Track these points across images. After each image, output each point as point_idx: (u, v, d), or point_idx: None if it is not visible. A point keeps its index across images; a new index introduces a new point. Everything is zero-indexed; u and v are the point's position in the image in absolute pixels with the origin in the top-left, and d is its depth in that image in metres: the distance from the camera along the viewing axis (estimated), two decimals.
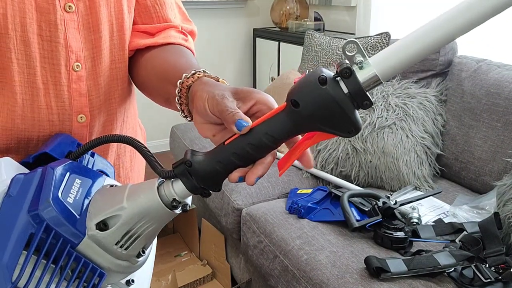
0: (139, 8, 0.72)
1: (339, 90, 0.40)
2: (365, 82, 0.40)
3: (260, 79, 3.48)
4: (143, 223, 0.48)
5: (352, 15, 2.95)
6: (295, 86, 0.42)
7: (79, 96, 0.64)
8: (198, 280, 1.89)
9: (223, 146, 0.47)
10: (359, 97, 0.40)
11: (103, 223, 0.48)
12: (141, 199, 0.48)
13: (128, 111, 0.76)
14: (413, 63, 0.40)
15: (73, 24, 0.62)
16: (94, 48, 0.65)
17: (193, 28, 0.79)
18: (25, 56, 0.59)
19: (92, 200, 0.51)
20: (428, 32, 0.39)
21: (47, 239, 0.46)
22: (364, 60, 0.40)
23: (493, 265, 1.14)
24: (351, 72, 0.40)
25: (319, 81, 0.40)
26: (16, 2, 0.57)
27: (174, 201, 0.48)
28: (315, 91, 0.41)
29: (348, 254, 1.26)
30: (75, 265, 0.48)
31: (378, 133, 1.70)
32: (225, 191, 1.72)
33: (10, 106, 0.60)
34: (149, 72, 0.69)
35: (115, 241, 0.48)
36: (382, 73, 0.40)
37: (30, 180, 0.50)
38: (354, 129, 0.42)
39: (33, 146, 0.63)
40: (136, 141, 0.53)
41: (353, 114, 0.41)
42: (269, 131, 0.44)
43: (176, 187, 0.48)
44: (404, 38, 0.40)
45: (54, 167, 0.50)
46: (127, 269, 0.51)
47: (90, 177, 0.54)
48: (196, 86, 0.54)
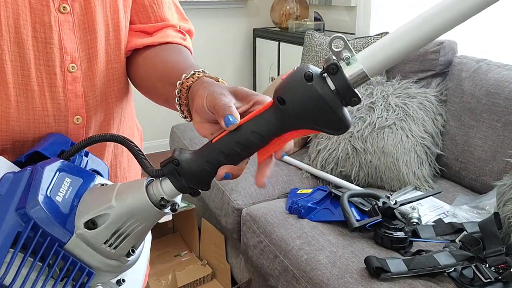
0: (137, 7, 0.72)
1: (325, 87, 0.39)
2: (352, 78, 0.39)
3: (260, 79, 3.48)
4: (131, 222, 0.48)
5: (352, 15, 2.95)
6: (282, 83, 0.41)
7: (75, 97, 0.64)
8: (198, 280, 1.89)
9: (211, 144, 0.46)
10: (346, 93, 0.40)
11: (92, 222, 0.48)
12: (130, 198, 0.48)
13: (125, 111, 0.76)
14: (400, 58, 0.39)
15: (68, 25, 0.61)
16: (90, 49, 0.65)
17: (191, 27, 0.78)
18: (19, 57, 0.58)
19: (82, 199, 0.51)
20: (415, 27, 0.38)
21: (34, 237, 0.46)
22: (351, 56, 0.39)
23: (493, 265, 1.14)
24: (338, 68, 0.39)
25: (305, 77, 0.39)
26: (10, 4, 0.56)
27: (163, 200, 0.47)
28: (301, 88, 0.40)
29: (348, 254, 1.26)
30: (62, 264, 0.48)
31: (378, 133, 1.70)
32: (225, 191, 1.72)
33: (4, 108, 0.59)
34: (149, 71, 0.69)
35: (104, 240, 0.48)
36: (369, 69, 0.39)
37: (19, 179, 0.50)
38: (343, 127, 0.41)
39: (28, 147, 0.63)
40: (127, 139, 0.53)
41: (341, 111, 0.40)
42: (256, 129, 0.43)
43: (164, 186, 0.47)
44: (392, 33, 0.40)
45: (44, 166, 0.50)
46: (117, 268, 0.51)
47: (81, 176, 0.53)
48: (196, 86, 0.54)
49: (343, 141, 1.73)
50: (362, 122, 1.73)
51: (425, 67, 1.92)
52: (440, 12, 0.38)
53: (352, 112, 1.77)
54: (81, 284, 0.48)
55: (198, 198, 2.12)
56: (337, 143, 1.75)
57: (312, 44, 2.34)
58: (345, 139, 1.73)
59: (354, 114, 1.76)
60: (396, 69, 2.01)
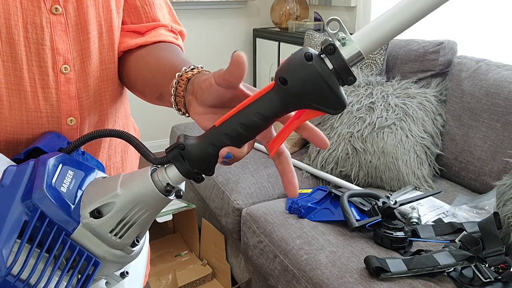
0: (128, 8, 0.72)
1: (324, 66, 0.42)
2: (348, 58, 0.42)
3: (260, 79, 3.48)
4: (137, 210, 0.48)
5: (352, 15, 2.95)
6: (283, 65, 0.43)
7: (68, 98, 0.64)
8: (198, 280, 1.89)
9: (214, 128, 0.47)
10: (343, 72, 0.42)
11: (97, 211, 0.48)
12: (135, 186, 0.48)
13: (119, 112, 0.75)
14: (392, 37, 0.42)
15: (60, 27, 0.61)
16: (83, 50, 0.64)
17: (182, 29, 0.79)
18: (10, 57, 0.58)
19: (85, 191, 0.51)
20: (405, 7, 0.41)
21: (41, 227, 0.46)
22: (347, 37, 0.42)
23: (492, 265, 1.14)
24: (335, 48, 0.41)
25: (305, 57, 0.41)
26: (0, 3, 0.56)
27: (168, 186, 0.48)
28: (301, 67, 0.42)
29: (348, 254, 1.27)
30: (69, 254, 0.48)
31: (378, 133, 1.70)
32: (225, 191, 1.72)
33: None
34: (142, 69, 0.68)
35: (110, 229, 0.48)
36: (364, 48, 0.42)
37: (22, 171, 0.50)
38: (340, 105, 0.43)
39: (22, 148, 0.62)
40: (126, 133, 0.53)
41: (338, 90, 0.42)
42: (259, 110, 0.45)
43: (169, 172, 0.48)
44: (384, 13, 0.42)
45: (47, 159, 0.50)
46: (122, 258, 0.51)
47: (82, 170, 0.54)
48: (198, 77, 0.54)
49: (343, 141, 1.74)
50: (362, 122, 1.73)
51: (425, 67, 1.92)
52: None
53: (352, 112, 1.77)
54: (87, 276, 0.48)
55: (198, 198, 2.13)
56: (337, 143, 1.75)
57: (312, 44, 2.34)
58: (345, 139, 1.74)
59: (354, 114, 1.77)
60: (396, 69, 2.01)
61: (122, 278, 0.55)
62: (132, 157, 0.84)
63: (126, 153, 0.81)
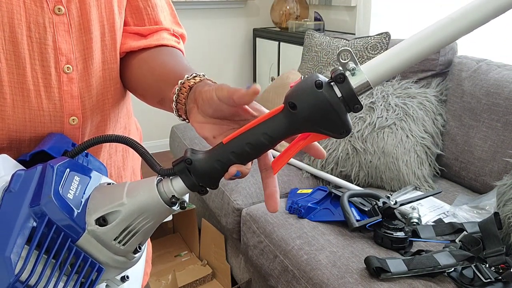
0: (131, 9, 0.72)
1: (333, 94, 0.44)
2: (357, 87, 0.44)
3: (260, 79, 3.48)
4: (141, 219, 0.49)
5: (352, 15, 2.95)
6: (293, 90, 0.45)
7: (71, 98, 0.64)
8: (198, 280, 1.89)
9: (222, 145, 0.48)
10: (351, 101, 0.44)
11: (103, 219, 0.49)
12: (141, 196, 0.49)
13: (121, 111, 0.76)
14: (400, 71, 0.45)
15: (63, 27, 0.61)
16: (86, 50, 0.65)
17: (183, 32, 0.79)
18: (14, 56, 0.59)
19: (91, 197, 0.52)
20: (416, 42, 0.43)
21: (49, 233, 0.47)
22: (357, 68, 0.44)
23: (493, 265, 1.14)
24: (344, 77, 0.44)
25: (316, 85, 0.44)
26: (4, 2, 0.56)
27: (173, 198, 0.49)
28: (311, 94, 0.44)
29: (348, 254, 1.26)
30: (74, 260, 0.48)
31: (378, 133, 1.70)
32: (225, 191, 1.72)
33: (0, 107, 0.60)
34: (145, 73, 0.69)
35: (114, 237, 0.49)
36: (372, 79, 0.44)
37: (30, 176, 0.50)
38: (345, 131, 0.45)
39: (25, 147, 0.63)
40: (133, 141, 0.53)
41: (345, 117, 0.45)
42: (267, 131, 0.47)
43: (175, 184, 0.49)
44: (395, 47, 0.45)
45: (54, 164, 0.51)
46: (124, 264, 0.52)
47: (87, 175, 0.55)
48: (200, 86, 0.55)
49: (343, 141, 1.74)
50: (362, 122, 1.73)
51: (425, 67, 1.92)
52: (440, 28, 0.43)
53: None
54: (90, 281, 0.49)
55: (198, 198, 2.13)
56: (337, 143, 1.75)
57: (312, 44, 2.34)
58: (345, 139, 1.73)
59: (354, 114, 1.77)
60: None
61: (123, 282, 0.56)
62: (133, 156, 0.84)
63: (127, 151, 0.81)
